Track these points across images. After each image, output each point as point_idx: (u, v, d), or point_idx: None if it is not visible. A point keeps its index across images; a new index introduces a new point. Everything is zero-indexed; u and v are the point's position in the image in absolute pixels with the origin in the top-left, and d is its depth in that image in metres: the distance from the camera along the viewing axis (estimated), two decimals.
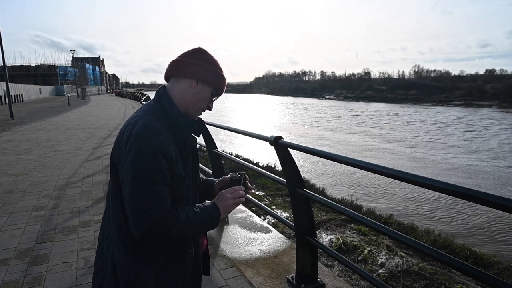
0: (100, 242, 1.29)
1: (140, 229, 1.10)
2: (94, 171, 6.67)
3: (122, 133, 1.18)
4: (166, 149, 1.13)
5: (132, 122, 1.18)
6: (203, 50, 1.30)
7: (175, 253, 1.24)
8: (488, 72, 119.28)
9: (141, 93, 35.39)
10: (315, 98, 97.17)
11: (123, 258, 1.18)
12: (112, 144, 1.31)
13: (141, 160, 1.10)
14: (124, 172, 1.13)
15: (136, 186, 1.09)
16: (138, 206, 1.09)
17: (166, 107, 1.23)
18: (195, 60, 1.25)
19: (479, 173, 13.74)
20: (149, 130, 1.12)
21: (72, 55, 56.96)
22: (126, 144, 1.13)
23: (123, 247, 1.18)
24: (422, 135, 24.82)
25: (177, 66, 1.27)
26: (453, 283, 3.66)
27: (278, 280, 2.84)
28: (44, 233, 3.78)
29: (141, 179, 1.09)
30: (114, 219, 1.21)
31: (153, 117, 1.18)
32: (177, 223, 1.14)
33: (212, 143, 4.31)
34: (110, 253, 1.22)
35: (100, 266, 1.26)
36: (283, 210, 6.10)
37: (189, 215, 1.18)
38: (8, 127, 14.66)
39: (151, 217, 1.09)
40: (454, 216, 8.38)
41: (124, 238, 1.18)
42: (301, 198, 2.63)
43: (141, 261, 1.18)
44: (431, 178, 1.53)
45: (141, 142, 1.10)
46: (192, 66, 1.25)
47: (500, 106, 55.01)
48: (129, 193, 1.10)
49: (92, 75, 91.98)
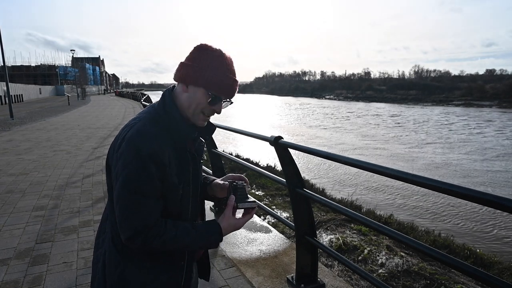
0: (98, 236, 1.30)
1: (122, 234, 1.10)
2: (94, 171, 6.68)
3: (118, 135, 1.16)
4: (158, 156, 1.09)
5: (129, 125, 1.15)
6: (202, 48, 1.20)
7: (165, 262, 1.21)
8: (488, 72, 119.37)
9: (141, 93, 35.41)
10: (315, 98, 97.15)
11: (113, 258, 1.18)
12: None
13: (129, 168, 1.07)
14: (114, 176, 1.12)
15: (122, 193, 1.08)
16: (121, 213, 1.09)
17: (168, 110, 1.19)
18: (189, 61, 1.20)
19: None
20: (142, 136, 1.09)
21: (72, 55, 57.02)
22: (118, 149, 1.11)
23: (113, 246, 1.19)
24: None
25: (177, 69, 1.24)
26: (453, 283, 3.66)
27: (278, 280, 2.84)
28: (44, 233, 3.78)
29: (127, 187, 1.07)
30: (110, 217, 1.22)
31: (151, 121, 1.15)
32: (160, 238, 1.10)
33: (212, 143, 4.32)
34: (103, 250, 1.23)
35: (95, 259, 1.27)
36: (283, 210, 6.10)
37: (178, 233, 1.13)
38: (8, 127, 14.67)
39: (131, 226, 1.08)
40: (454, 216, 8.37)
41: (116, 238, 1.18)
42: (301, 198, 2.63)
43: (128, 264, 1.17)
44: (431, 178, 1.53)
45: (131, 148, 1.07)
46: (184, 69, 1.19)
47: (500, 106, 54.98)
48: (116, 199, 1.11)
49: (92, 75, 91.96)
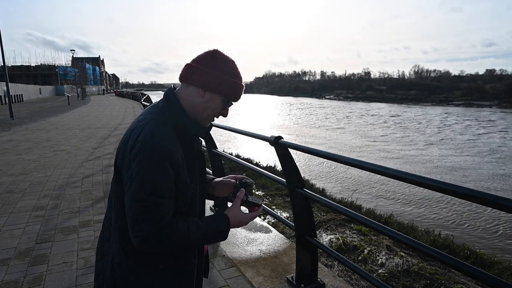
0: (100, 244, 1.27)
1: (136, 238, 1.09)
2: (94, 171, 6.68)
3: (128, 137, 1.13)
4: (173, 157, 1.10)
5: (139, 126, 1.13)
6: (217, 54, 1.22)
7: (177, 261, 1.22)
8: (488, 72, 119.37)
9: (141, 93, 35.45)
10: (315, 98, 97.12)
11: (123, 263, 1.16)
12: (112, 144, 1.30)
13: (146, 169, 1.06)
14: (127, 178, 1.10)
15: (138, 195, 1.07)
16: (137, 216, 1.07)
17: (174, 111, 1.19)
18: (205, 67, 1.19)
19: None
20: (157, 137, 1.08)
21: (72, 55, 57.01)
22: (131, 150, 1.09)
23: (123, 252, 1.17)
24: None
25: (189, 71, 1.22)
26: (453, 283, 3.65)
27: (278, 280, 2.84)
28: (44, 233, 3.78)
29: (144, 189, 1.06)
30: (116, 223, 1.19)
31: (160, 121, 1.14)
32: (173, 236, 1.11)
33: (212, 143, 4.32)
34: (109, 257, 1.20)
35: (100, 268, 1.24)
36: (283, 210, 6.10)
37: (190, 229, 1.14)
38: (8, 127, 14.67)
39: (147, 228, 1.07)
40: (454, 216, 8.38)
41: (125, 243, 1.16)
42: (301, 198, 2.63)
43: (140, 268, 1.16)
44: (431, 178, 1.53)
45: (147, 150, 1.07)
46: (201, 74, 1.19)
47: (500, 106, 54.97)
48: (130, 201, 1.08)
49: (92, 75, 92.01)
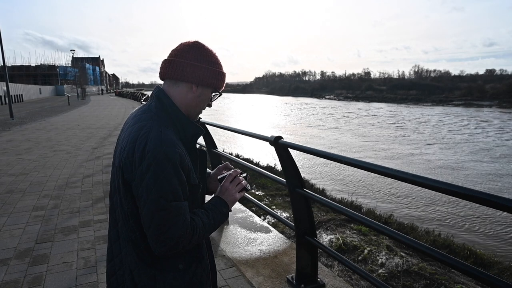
0: (110, 259, 1.24)
1: (163, 247, 1.07)
2: (94, 171, 6.68)
3: (131, 147, 1.08)
4: (184, 161, 1.10)
5: (141, 135, 1.08)
6: (200, 46, 1.19)
7: (193, 259, 1.24)
8: (488, 72, 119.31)
9: (141, 93, 35.52)
10: (315, 98, 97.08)
11: (143, 274, 1.15)
12: (112, 144, 1.29)
13: (162, 179, 1.04)
14: (142, 190, 1.06)
15: (159, 205, 1.04)
16: (161, 226, 1.05)
17: (172, 113, 1.17)
18: (193, 61, 1.16)
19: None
20: (166, 144, 1.06)
21: (72, 55, 56.99)
22: (141, 162, 1.05)
23: (142, 263, 1.15)
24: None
25: (174, 67, 1.17)
26: (453, 283, 3.66)
27: (278, 280, 2.84)
28: (44, 233, 3.78)
29: (164, 198, 1.04)
30: (127, 237, 1.17)
31: (163, 126, 1.11)
32: (196, 232, 1.13)
33: (212, 143, 4.32)
34: (127, 270, 1.17)
35: (114, 283, 1.22)
36: (283, 210, 6.10)
37: (203, 220, 1.17)
38: (8, 127, 14.66)
39: (174, 234, 1.07)
40: (454, 216, 8.37)
41: (142, 254, 1.15)
42: (301, 198, 2.63)
43: (164, 274, 1.17)
44: (431, 178, 1.52)
45: (160, 159, 1.04)
46: (191, 69, 1.16)
47: (500, 106, 54.94)
48: (150, 213, 1.05)
49: (92, 75, 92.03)
